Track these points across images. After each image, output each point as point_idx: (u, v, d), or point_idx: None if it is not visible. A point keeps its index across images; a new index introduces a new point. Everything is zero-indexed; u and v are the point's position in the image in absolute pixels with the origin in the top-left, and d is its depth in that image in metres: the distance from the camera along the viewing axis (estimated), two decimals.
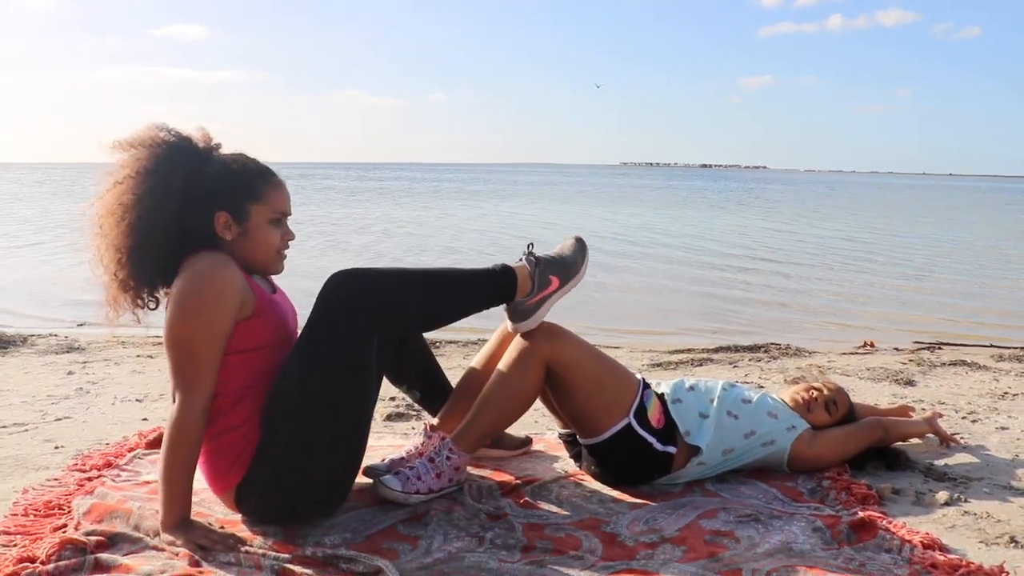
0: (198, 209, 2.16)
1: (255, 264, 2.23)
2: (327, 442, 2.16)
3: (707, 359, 5.09)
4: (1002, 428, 3.34)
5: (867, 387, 4.13)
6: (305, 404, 2.13)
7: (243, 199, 2.18)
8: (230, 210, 2.17)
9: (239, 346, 2.13)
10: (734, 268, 11.26)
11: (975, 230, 20.84)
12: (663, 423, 2.54)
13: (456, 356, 5.11)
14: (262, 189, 2.20)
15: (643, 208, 27.69)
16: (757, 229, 19.23)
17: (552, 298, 2.45)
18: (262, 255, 2.23)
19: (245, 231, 2.19)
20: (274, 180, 2.23)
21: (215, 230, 2.18)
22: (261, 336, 2.17)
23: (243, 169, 2.21)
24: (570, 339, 2.47)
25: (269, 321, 2.19)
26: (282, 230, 2.26)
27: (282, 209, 2.24)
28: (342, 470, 2.24)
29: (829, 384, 2.92)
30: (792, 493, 2.52)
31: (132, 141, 2.17)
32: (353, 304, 2.13)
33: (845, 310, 8.34)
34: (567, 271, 2.47)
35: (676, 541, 2.16)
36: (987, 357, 5.13)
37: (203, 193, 2.15)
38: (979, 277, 11.21)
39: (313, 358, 2.13)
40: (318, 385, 2.13)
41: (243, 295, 2.12)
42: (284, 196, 2.25)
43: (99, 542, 2.03)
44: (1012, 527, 2.30)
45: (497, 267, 2.40)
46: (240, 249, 2.20)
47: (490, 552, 2.08)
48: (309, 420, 2.13)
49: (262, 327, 2.17)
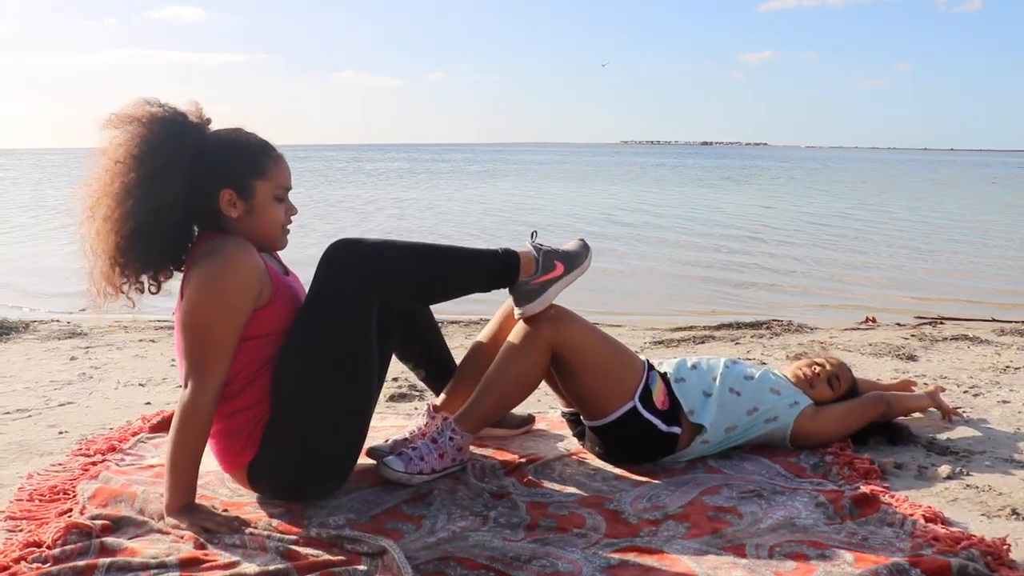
0: (201, 187, 2.12)
1: (262, 241, 2.21)
2: (333, 411, 2.17)
3: (709, 336, 5.09)
4: (1004, 402, 3.34)
5: (869, 362, 4.13)
6: (309, 373, 2.13)
7: (247, 175, 2.14)
8: (235, 187, 2.13)
9: (256, 331, 2.12)
10: (729, 248, 11.22)
11: (966, 204, 20.82)
12: (667, 405, 2.54)
13: (459, 336, 5.11)
14: (265, 164, 2.17)
15: (639, 186, 27.63)
16: (752, 206, 19.20)
17: (557, 284, 2.43)
18: (269, 232, 2.20)
19: (251, 208, 2.16)
20: (275, 155, 2.20)
21: (220, 208, 2.14)
22: (277, 321, 2.16)
23: (245, 145, 2.17)
24: (576, 322, 2.46)
25: (284, 306, 2.18)
26: (286, 205, 2.24)
27: (285, 184, 2.21)
28: (347, 443, 2.25)
29: (831, 359, 2.92)
30: (795, 468, 2.53)
31: (126, 116, 2.10)
32: (353, 270, 2.14)
33: (845, 287, 8.33)
34: (572, 261, 2.46)
35: (679, 518, 2.17)
36: (989, 331, 5.13)
37: (206, 170, 2.11)
38: (975, 252, 11.19)
39: (315, 326, 2.14)
40: (321, 353, 2.13)
41: (263, 281, 2.10)
42: (286, 170, 2.22)
43: (104, 526, 2.04)
44: (1014, 499, 2.30)
45: (500, 248, 2.40)
46: (246, 227, 2.17)
47: (494, 531, 2.08)
48: (314, 388, 2.13)
49: (278, 312, 2.16)
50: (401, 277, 2.22)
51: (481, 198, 21.05)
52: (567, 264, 2.45)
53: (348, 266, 2.14)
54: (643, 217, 15.86)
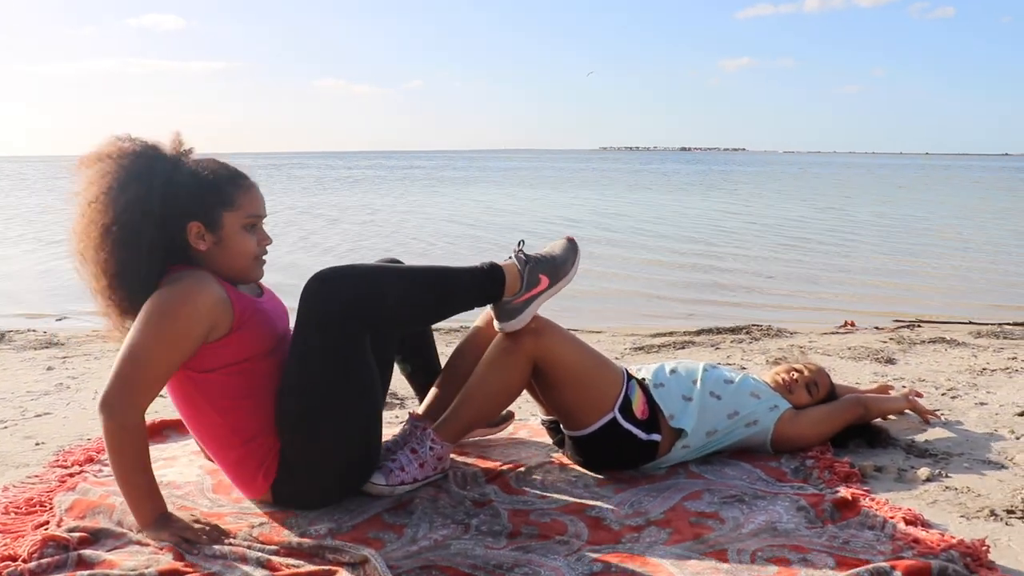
0: (171, 220, 2.09)
1: (233, 273, 2.17)
2: (344, 441, 2.19)
3: (689, 342, 5.10)
4: (981, 403, 3.37)
5: (848, 366, 4.15)
6: (310, 412, 2.13)
7: (215, 206, 2.11)
8: (202, 219, 2.11)
9: (230, 359, 2.11)
10: (707, 253, 11.28)
11: (931, 208, 21.06)
12: (647, 414, 2.54)
13: (439, 343, 5.08)
14: (233, 195, 2.13)
15: (617, 191, 27.72)
16: (729, 211, 19.33)
17: (540, 297, 2.40)
18: (239, 263, 2.17)
19: (220, 240, 2.13)
20: (246, 184, 2.16)
21: (188, 240, 2.12)
22: (251, 346, 2.14)
23: (213, 175, 2.13)
24: (558, 335, 2.44)
25: (255, 329, 2.15)
26: (258, 235, 2.20)
27: (256, 213, 2.17)
28: (363, 452, 2.27)
29: (809, 365, 2.94)
30: (776, 473, 2.54)
31: (96, 155, 2.09)
32: (335, 311, 2.10)
33: (824, 291, 8.38)
34: (557, 271, 2.42)
35: (661, 523, 2.17)
36: (965, 334, 5.17)
37: (174, 203, 2.09)
38: (952, 255, 11.30)
39: (308, 366, 2.12)
40: (318, 392, 2.12)
41: (216, 316, 2.06)
42: (257, 199, 2.18)
43: (82, 538, 2.02)
44: (992, 501, 2.32)
45: (485, 265, 2.35)
46: (216, 259, 2.14)
47: (476, 539, 2.08)
48: (319, 426, 2.14)
49: (247, 338, 2.13)
50: (386, 314, 2.18)
51: (454, 204, 21.08)
52: (552, 276, 2.41)
53: (330, 306, 2.09)
54: (620, 222, 15.92)
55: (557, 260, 2.44)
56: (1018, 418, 3.15)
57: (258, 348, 2.15)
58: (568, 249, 2.48)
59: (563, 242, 2.50)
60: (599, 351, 2.58)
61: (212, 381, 2.12)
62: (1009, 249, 12.03)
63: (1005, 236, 13.90)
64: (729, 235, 13.73)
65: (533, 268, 2.38)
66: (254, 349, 2.14)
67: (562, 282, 2.44)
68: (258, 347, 2.15)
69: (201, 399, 2.15)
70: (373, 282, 2.15)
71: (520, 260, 2.39)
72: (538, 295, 2.39)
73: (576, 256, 2.48)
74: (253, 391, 2.15)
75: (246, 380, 2.14)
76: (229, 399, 2.13)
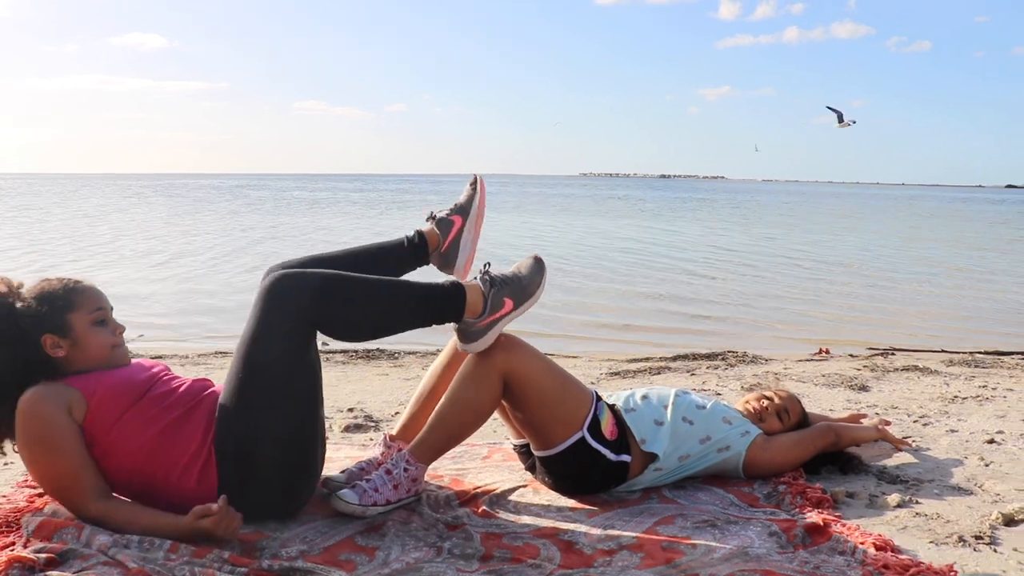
0: (25, 344, 2.21)
1: (98, 365, 2.27)
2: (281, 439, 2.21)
3: (665, 367, 5.12)
4: (952, 431, 3.40)
5: (822, 393, 4.18)
6: (252, 404, 2.18)
7: (59, 314, 2.23)
8: (51, 330, 2.22)
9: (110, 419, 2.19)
10: (684, 281, 11.35)
11: (916, 237, 21.31)
12: (616, 435, 2.55)
13: (415, 367, 5.10)
14: (71, 298, 2.26)
15: (595, 218, 27.86)
16: (707, 238, 19.47)
17: (504, 320, 2.41)
18: (98, 356, 2.28)
19: (74, 342, 2.25)
20: (80, 287, 2.29)
21: (48, 354, 2.23)
22: (114, 409, 2.20)
23: (49, 290, 2.26)
24: (526, 352, 2.46)
25: (110, 389, 2.21)
26: (110, 326, 2.31)
27: (99, 306, 2.30)
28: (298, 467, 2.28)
29: (780, 392, 2.96)
30: (748, 498, 2.55)
31: None
32: (291, 303, 2.16)
33: (798, 318, 8.45)
34: (522, 293, 2.43)
35: (634, 548, 2.17)
36: (938, 362, 5.23)
37: (23, 331, 2.21)
38: (926, 283, 11.42)
39: (253, 360, 2.17)
40: (261, 387, 2.17)
41: (66, 403, 2.16)
42: (96, 295, 2.31)
43: (49, 559, 1.99)
44: (961, 527, 2.34)
45: (448, 284, 2.37)
46: (77, 359, 2.26)
47: (448, 562, 2.07)
48: (258, 418, 2.18)
49: (107, 405, 2.20)
50: (343, 319, 2.24)
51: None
52: (517, 299, 2.42)
53: (287, 299, 2.17)
54: (598, 248, 16.01)
55: (523, 281, 2.45)
56: (988, 445, 3.18)
57: (123, 402, 2.22)
58: (535, 269, 2.49)
59: (530, 261, 2.51)
60: (572, 374, 2.59)
61: (117, 443, 2.20)
62: (987, 278, 12.17)
63: (978, 265, 14.07)
64: (705, 262, 13.84)
65: (498, 292, 2.40)
66: (119, 408, 2.21)
67: (527, 304, 2.45)
68: (123, 401, 2.22)
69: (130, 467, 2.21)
70: (333, 287, 2.21)
71: (485, 283, 2.40)
72: (501, 318, 2.40)
73: (542, 276, 2.49)
74: (148, 435, 2.21)
75: (135, 425, 2.21)
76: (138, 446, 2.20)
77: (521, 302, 2.43)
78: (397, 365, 5.23)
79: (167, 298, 9.14)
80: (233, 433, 2.19)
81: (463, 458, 2.95)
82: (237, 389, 2.19)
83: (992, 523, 2.37)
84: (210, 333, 7.21)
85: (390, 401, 4.01)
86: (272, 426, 2.19)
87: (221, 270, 11.66)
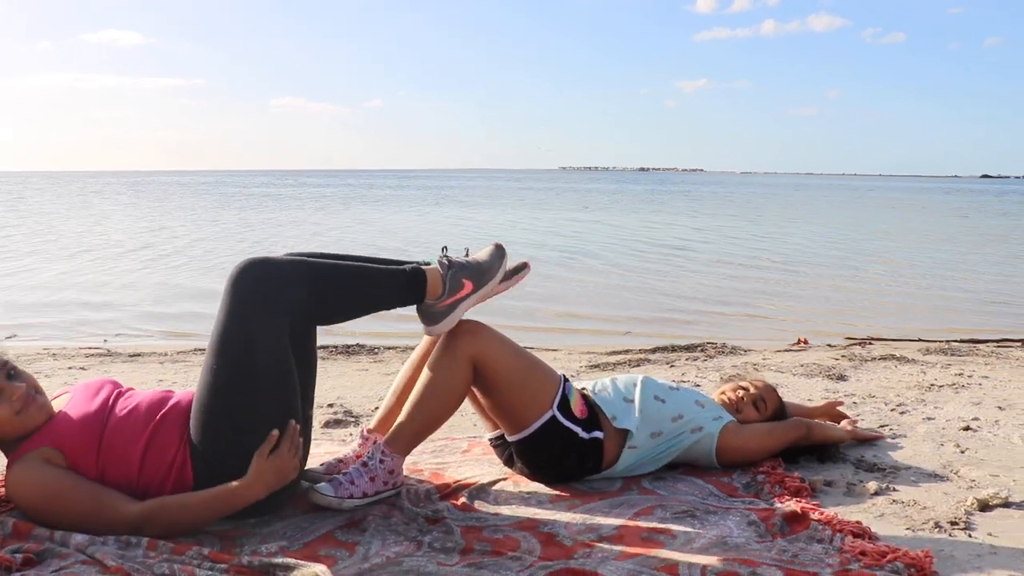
0: None
1: (20, 435, 2.22)
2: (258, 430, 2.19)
3: (645, 359, 5.14)
4: (928, 419, 3.43)
5: (801, 383, 4.21)
6: (226, 396, 2.17)
7: None
8: None
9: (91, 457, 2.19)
10: (663, 272, 11.40)
11: (893, 229, 21.46)
12: (586, 413, 2.58)
13: (394, 362, 5.09)
14: None
15: (570, 211, 27.91)
16: (685, 230, 19.53)
17: (465, 302, 2.43)
18: (12, 429, 2.21)
19: None
20: None
21: None
22: (89, 445, 2.20)
23: None
24: (492, 336, 2.48)
25: (78, 437, 2.20)
26: (6, 396, 2.20)
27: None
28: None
29: (756, 382, 2.97)
30: (727, 488, 2.57)
31: None
32: (257, 292, 2.15)
33: (777, 309, 8.49)
34: (482, 276, 2.45)
35: (613, 539, 2.18)
36: (915, 351, 5.28)
37: None
38: (901, 273, 11.51)
39: (223, 353, 2.17)
40: (235, 377, 2.17)
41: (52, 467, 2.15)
42: None
43: (26, 559, 1.97)
44: (936, 513, 2.37)
45: (406, 266, 2.39)
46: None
47: (428, 556, 2.07)
48: (233, 411, 2.18)
49: (79, 444, 2.19)
50: (303, 302, 2.22)
51: (412, 223, 21.08)
52: (476, 281, 2.44)
53: (252, 287, 2.16)
54: (574, 242, 16.02)
55: (483, 266, 2.47)
56: (963, 432, 3.21)
57: (91, 436, 2.21)
58: (494, 255, 2.51)
59: (490, 248, 2.54)
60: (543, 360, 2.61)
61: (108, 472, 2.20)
62: (964, 270, 12.28)
63: (955, 258, 14.20)
64: (684, 253, 13.88)
65: (456, 273, 2.41)
66: (90, 440, 2.20)
67: (488, 286, 2.47)
68: (90, 436, 2.21)
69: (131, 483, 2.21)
70: (293, 272, 2.21)
71: (443, 265, 2.42)
72: (462, 299, 2.42)
73: (503, 261, 2.51)
74: (127, 443, 2.21)
75: (115, 447, 2.20)
76: (125, 470, 2.20)
77: (481, 284, 2.45)
78: (377, 360, 5.22)
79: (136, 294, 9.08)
80: (209, 429, 2.18)
81: (443, 452, 2.95)
82: (211, 383, 2.18)
83: (967, 509, 2.40)
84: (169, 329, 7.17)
85: (370, 396, 4.01)
86: (247, 419, 2.18)
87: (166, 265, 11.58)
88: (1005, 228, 22.89)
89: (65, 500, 2.12)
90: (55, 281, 9.96)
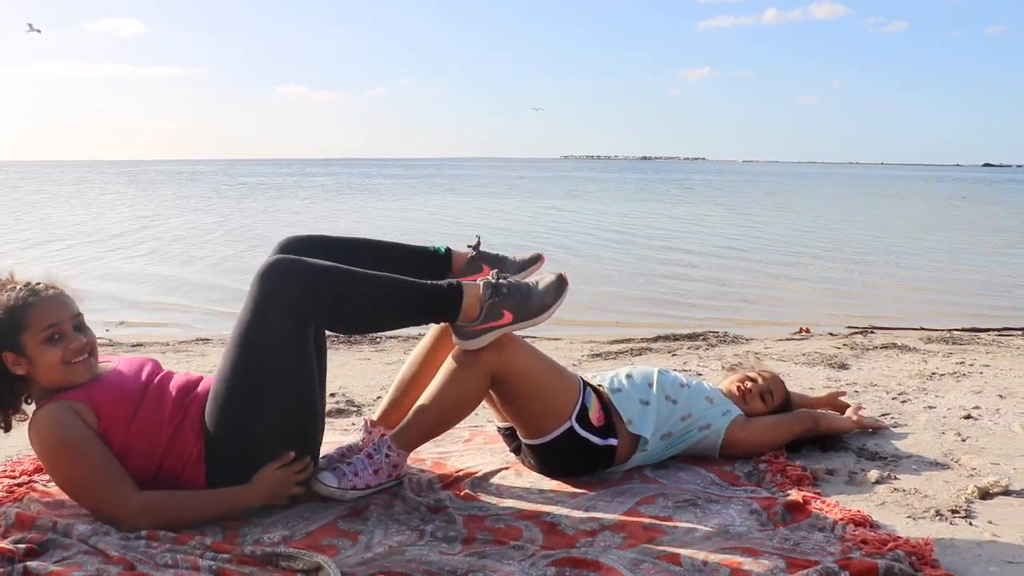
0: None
1: (58, 384, 2.21)
2: (273, 428, 2.22)
3: (647, 348, 5.14)
4: (930, 407, 3.43)
5: (803, 372, 4.21)
6: (244, 392, 2.18)
7: (13, 334, 2.16)
8: (10, 348, 2.17)
9: (123, 427, 2.19)
10: (666, 260, 11.38)
11: (891, 217, 21.42)
12: (603, 421, 2.55)
13: (397, 352, 5.09)
14: (20, 316, 2.16)
15: (571, 200, 27.87)
16: (687, 219, 19.53)
17: (500, 330, 2.30)
18: (55, 376, 2.20)
19: (31, 361, 2.18)
20: (33, 299, 2.18)
21: (10, 372, 2.19)
22: (120, 414, 2.20)
23: (2, 304, 2.18)
24: (516, 347, 2.40)
25: (114, 406, 2.20)
26: (64, 343, 2.19)
27: (51, 323, 2.18)
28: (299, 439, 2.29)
29: (764, 373, 2.97)
30: (729, 477, 2.57)
31: None
32: (286, 292, 2.14)
33: (779, 298, 8.49)
34: (527, 310, 2.30)
35: (615, 528, 2.19)
36: (916, 339, 5.27)
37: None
38: (905, 263, 11.50)
39: (246, 348, 2.17)
40: (254, 374, 2.17)
41: (80, 421, 2.14)
42: (48, 310, 2.18)
43: (29, 549, 1.98)
44: (937, 501, 2.37)
45: (445, 284, 2.28)
46: (38, 378, 2.20)
47: (431, 545, 2.08)
48: (252, 403, 2.18)
49: (114, 412, 2.19)
50: (335, 310, 2.20)
51: (412, 215, 21.06)
52: (518, 314, 2.29)
53: (278, 287, 2.14)
54: (580, 229, 16.00)
55: (532, 298, 2.31)
56: (964, 421, 3.21)
57: (127, 410, 2.21)
58: (551, 288, 2.34)
59: (551, 278, 2.37)
60: (555, 359, 2.59)
61: (133, 449, 2.20)
62: (964, 259, 12.27)
63: (954, 247, 14.18)
64: (686, 242, 13.86)
65: (499, 301, 2.28)
66: (124, 412, 2.21)
67: (530, 322, 2.31)
68: (124, 408, 2.21)
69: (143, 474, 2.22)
70: (327, 277, 2.17)
71: (487, 288, 2.29)
72: (497, 328, 2.30)
73: (560, 297, 2.33)
74: (158, 424, 2.22)
75: (146, 426, 2.22)
76: (150, 449, 2.21)
77: (522, 318, 2.30)
78: (379, 350, 5.22)
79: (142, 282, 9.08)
80: (224, 419, 2.19)
81: (445, 441, 2.95)
82: (230, 373, 2.18)
83: (968, 497, 2.40)
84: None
85: (372, 386, 4.01)
86: (264, 412, 2.19)
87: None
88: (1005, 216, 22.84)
89: (80, 458, 2.11)
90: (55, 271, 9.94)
